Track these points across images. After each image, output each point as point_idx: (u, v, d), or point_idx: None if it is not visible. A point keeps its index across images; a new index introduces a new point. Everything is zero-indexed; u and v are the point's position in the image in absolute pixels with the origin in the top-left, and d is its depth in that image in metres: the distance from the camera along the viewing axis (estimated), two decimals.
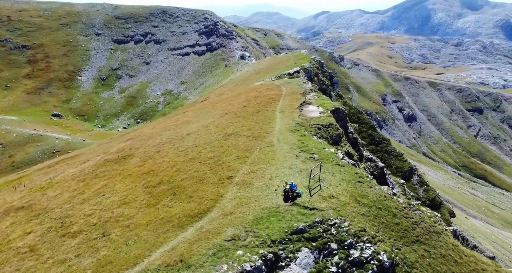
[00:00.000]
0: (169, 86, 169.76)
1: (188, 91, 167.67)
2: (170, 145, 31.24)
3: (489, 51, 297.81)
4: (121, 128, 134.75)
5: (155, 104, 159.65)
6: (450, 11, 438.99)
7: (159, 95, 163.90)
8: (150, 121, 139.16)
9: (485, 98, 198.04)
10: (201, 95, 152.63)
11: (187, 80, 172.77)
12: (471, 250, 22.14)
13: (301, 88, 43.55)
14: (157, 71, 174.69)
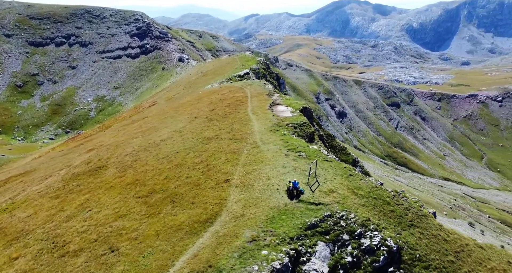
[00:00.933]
0: (101, 91, 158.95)
1: (124, 96, 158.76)
2: (147, 153, 30.18)
3: (399, 51, 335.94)
4: (47, 140, 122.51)
5: (86, 112, 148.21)
6: (365, 16, 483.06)
7: (90, 102, 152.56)
8: (82, 130, 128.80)
9: (400, 94, 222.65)
10: (139, 100, 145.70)
11: (122, 85, 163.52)
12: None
13: (264, 89, 45.01)
14: (86, 76, 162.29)
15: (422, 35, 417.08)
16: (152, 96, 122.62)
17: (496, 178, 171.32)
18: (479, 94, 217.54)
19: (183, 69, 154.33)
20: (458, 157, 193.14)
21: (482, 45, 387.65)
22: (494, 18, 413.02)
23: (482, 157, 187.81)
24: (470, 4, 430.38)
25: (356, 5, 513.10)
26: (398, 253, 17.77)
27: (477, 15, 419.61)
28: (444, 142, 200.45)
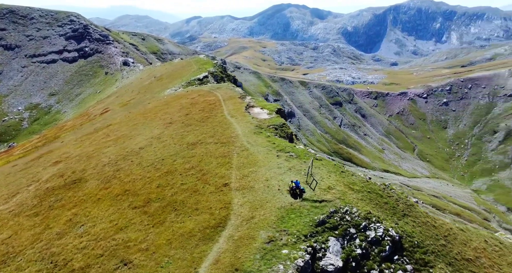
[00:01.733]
0: (35, 99, 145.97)
1: (62, 103, 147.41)
2: (128, 162, 28.99)
3: (337, 53, 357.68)
4: None
5: (17, 122, 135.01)
6: (304, 19, 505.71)
7: (21, 111, 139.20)
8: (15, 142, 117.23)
9: (342, 93, 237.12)
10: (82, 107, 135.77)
11: (59, 91, 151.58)
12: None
13: (235, 92, 45.33)
14: (14, 82, 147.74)
15: (356, 38, 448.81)
16: (99, 102, 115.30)
17: (426, 167, 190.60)
18: (408, 92, 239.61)
19: (129, 73, 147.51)
20: (394, 150, 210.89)
21: (407, 47, 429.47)
22: (414, 23, 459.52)
23: (414, 149, 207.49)
24: (395, 10, 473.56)
25: (295, 9, 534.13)
26: (400, 241, 19.14)
27: (401, 20, 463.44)
28: (382, 136, 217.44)
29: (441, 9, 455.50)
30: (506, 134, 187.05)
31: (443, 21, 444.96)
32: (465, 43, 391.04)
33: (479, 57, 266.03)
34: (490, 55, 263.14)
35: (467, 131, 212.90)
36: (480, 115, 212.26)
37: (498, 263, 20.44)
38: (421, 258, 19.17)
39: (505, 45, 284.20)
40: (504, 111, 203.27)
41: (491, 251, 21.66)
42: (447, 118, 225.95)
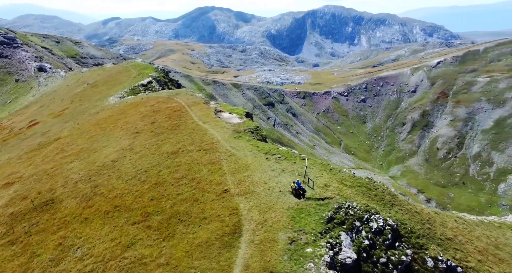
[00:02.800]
0: None
1: None
2: (105, 177, 27.11)
3: (265, 56, 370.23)
4: None
5: None
6: (229, 22, 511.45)
7: None
8: None
9: (273, 94, 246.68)
10: None
11: None
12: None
13: (197, 98, 44.54)
14: None
15: (280, 40, 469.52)
16: (14, 113, 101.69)
17: (351, 159, 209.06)
18: (331, 91, 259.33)
19: (48, 80, 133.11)
20: (324, 146, 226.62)
21: (325, 50, 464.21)
22: (330, 27, 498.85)
23: (340, 143, 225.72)
24: (312, 15, 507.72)
25: (219, 12, 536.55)
26: (397, 229, 20.93)
27: (318, 24, 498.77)
28: (312, 134, 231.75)
29: (351, 14, 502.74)
30: (412, 126, 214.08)
31: (354, 25, 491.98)
32: (373, 46, 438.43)
33: (385, 58, 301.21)
34: (394, 56, 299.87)
35: (382, 124, 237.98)
36: (391, 110, 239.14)
37: (470, 238, 24.44)
38: (416, 242, 21.41)
39: (404, 47, 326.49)
40: (409, 105, 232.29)
41: (462, 229, 25.52)
42: (366, 113, 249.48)
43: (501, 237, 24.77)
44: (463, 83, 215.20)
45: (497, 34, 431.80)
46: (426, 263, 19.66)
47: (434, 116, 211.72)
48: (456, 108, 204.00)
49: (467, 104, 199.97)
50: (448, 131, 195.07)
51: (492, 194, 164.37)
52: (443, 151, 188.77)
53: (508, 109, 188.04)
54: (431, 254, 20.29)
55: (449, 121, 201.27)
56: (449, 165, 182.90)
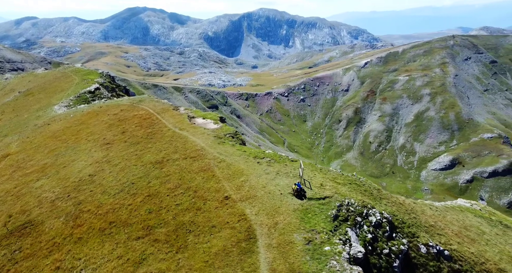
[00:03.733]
0: None
1: None
2: (86, 192, 25.27)
3: (204, 58, 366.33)
4: None
5: None
6: (164, 24, 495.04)
7: None
8: None
9: (216, 96, 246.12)
10: None
11: None
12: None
13: (164, 104, 42.75)
14: None
15: (217, 43, 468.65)
16: None
17: (295, 157, 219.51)
18: (272, 92, 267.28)
19: None
20: (269, 145, 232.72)
21: (263, 52, 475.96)
22: (265, 29, 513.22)
23: (284, 142, 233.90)
24: (248, 17, 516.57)
25: (152, 13, 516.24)
26: (392, 221, 22.38)
27: (254, 27, 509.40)
28: (257, 134, 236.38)
29: (284, 18, 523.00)
30: (347, 122, 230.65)
31: (288, 28, 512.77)
32: (306, 48, 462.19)
33: (320, 60, 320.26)
34: (327, 57, 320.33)
35: (321, 122, 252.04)
36: (328, 108, 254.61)
37: (445, 223, 27.63)
38: (409, 231, 23.19)
39: (335, 49, 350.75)
40: (343, 104, 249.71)
41: (438, 215, 28.59)
42: (306, 112, 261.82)
43: (466, 219, 28.74)
44: (387, 82, 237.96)
45: (408, 37, 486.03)
46: (420, 250, 21.64)
47: (365, 113, 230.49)
48: (383, 104, 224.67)
49: (392, 100, 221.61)
50: (378, 126, 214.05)
51: (416, 180, 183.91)
52: (375, 145, 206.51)
53: (424, 104, 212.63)
54: (422, 241, 22.37)
55: (378, 117, 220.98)
56: (380, 157, 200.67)
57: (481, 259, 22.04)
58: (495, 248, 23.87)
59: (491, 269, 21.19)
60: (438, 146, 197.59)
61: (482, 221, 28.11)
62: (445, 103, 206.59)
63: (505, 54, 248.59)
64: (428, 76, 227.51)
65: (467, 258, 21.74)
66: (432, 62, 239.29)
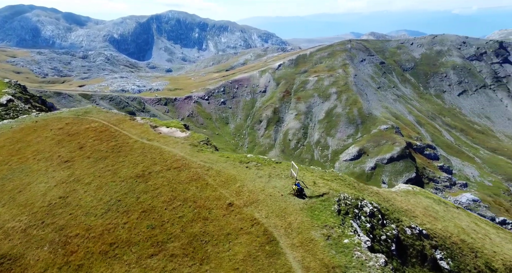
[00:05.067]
0: None
1: None
2: (65, 216, 22.27)
3: (112, 62, 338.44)
4: None
5: None
6: (59, 25, 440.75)
7: None
8: None
9: (132, 103, 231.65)
10: None
11: None
12: None
13: (117, 114, 38.73)
14: None
15: (125, 46, 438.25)
16: None
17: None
18: (192, 96, 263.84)
19: None
20: None
21: (176, 55, 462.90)
22: (177, 32, 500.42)
23: None
24: (157, 19, 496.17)
25: (42, 12, 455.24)
26: (380, 209, 24.62)
27: (165, 29, 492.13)
28: None
29: (196, 21, 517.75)
30: (267, 122, 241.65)
31: (200, 31, 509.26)
32: (220, 51, 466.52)
33: (236, 62, 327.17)
34: (242, 60, 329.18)
35: (243, 123, 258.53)
36: (248, 109, 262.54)
37: (412, 207, 31.46)
38: (394, 217, 25.77)
39: (250, 52, 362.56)
40: (262, 104, 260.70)
41: (405, 200, 31.86)
42: (227, 115, 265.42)
43: (422, 201, 33.61)
44: (300, 82, 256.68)
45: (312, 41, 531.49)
46: (406, 232, 24.47)
47: (283, 112, 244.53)
48: (298, 104, 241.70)
49: (305, 100, 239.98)
50: (295, 124, 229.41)
51: None
52: (294, 142, 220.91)
53: (333, 101, 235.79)
54: (406, 224, 25.28)
55: (294, 115, 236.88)
56: (299, 153, 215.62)
57: (447, 233, 26.59)
58: (450, 222, 29.16)
59: (457, 241, 25.85)
60: (347, 139, 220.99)
61: (431, 202, 33.83)
62: (349, 100, 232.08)
63: (390, 56, 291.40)
64: (333, 76, 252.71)
65: (438, 234, 26.03)
66: (335, 63, 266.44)
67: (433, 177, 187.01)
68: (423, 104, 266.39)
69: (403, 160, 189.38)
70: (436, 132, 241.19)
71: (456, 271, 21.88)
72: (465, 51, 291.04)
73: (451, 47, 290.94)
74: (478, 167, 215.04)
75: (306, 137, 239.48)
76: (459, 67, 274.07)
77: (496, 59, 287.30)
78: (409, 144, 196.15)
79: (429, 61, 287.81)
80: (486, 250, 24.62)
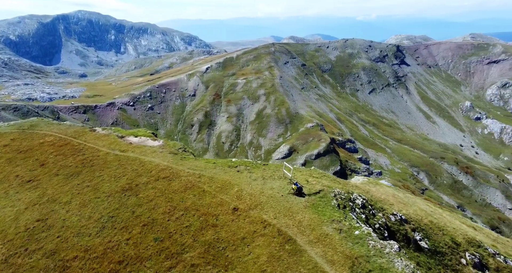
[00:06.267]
0: None
1: None
2: (52, 239, 19.53)
3: (12, 67, 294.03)
4: None
5: None
6: None
7: None
8: None
9: (43, 112, 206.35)
10: None
11: None
12: None
13: (71, 126, 33.90)
14: None
15: (26, 48, 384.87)
16: None
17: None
18: (115, 102, 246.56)
19: None
20: None
21: (91, 58, 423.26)
22: (90, 34, 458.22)
23: None
24: (64, 20, 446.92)
25: None
26: (367, 201, 26.61)
27: (75, 31, 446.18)
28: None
29: (110, 22, 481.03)
30: (199, 126, 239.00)
31: (116, 33, 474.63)
32: (141, 54, 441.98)
33: (160, 66, 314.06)
34: (167, 64, 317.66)
35: (173, 129, 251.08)
36: (179, 114, 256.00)
37: (383, 195, 34.46)
38: (378, 206, 27.81)
39: (175, 55, 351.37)
40: (193, 108, 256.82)
41: (376, 191, 34.65)
42: (156, 120, 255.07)
43: (388, 190, 37.53)
44: (229, 85, 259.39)
45: (235, 44, 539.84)
46: (391, 219, 26.69)
47: (214, 115, 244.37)
48: (228, 106, 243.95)
49: (235, 102, 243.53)
50: (227, 127, 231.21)
51: None
52: (227, 144, 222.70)
53: (262, 103, 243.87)
54: (389, 212, 27.53)
55: (226, 118, 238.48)
56: (234, 155, 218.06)
57: (419, 216, 30.23)
58: (415, 207, 33.16)
59: (427, 223, 29.61)
60: (278, 138, 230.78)
61: (393, 190, 38.18)
62: (277, 101, 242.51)
63: (310, 58, 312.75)
64: (260, 78, 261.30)
65: (413, 218, 29.38)
66: (261, 66, 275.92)
67: (355, 168, 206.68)
68: (341, 102, 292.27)
69: (328, 155, 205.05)
70: (354, 128, 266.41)
71: (433, 248, 25.49)
72: (371, 54, 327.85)
73: (360, 50, 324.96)
74: (389, 156, 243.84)
75: (239, 138, 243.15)
76: (367, 68, 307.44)
77: (396, 60, 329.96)
78: (333, 139, 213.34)
79: (343, 63, 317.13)
80: (448, 227, 29.12)
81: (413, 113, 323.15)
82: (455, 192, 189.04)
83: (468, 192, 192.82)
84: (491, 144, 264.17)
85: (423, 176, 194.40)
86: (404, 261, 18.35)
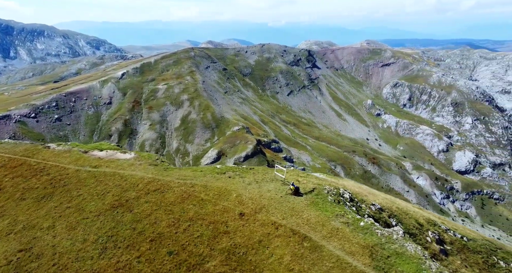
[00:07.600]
0: None
1: None
2: (49, 267, 16.67)
3: None
4: None
5: None
6: None
7: None
8: None
9: None
10: None
11: None
12: None
13: (18, 145, 27.67)
14: None
15: None
16: None
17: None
18: (11, 114, 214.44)
19: None
20: None
21: None
22: None
23: None
24: None
25: None
26: (352, 195, 28.68)
27: None
28: None
29: None
30: (119, 136, 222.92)
31: (3, 36, 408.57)
32: (38, 59, 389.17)
33: (66, 72, 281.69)
34: (75, 70, 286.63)
35: (89, 140, 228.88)
36: (93, 124, 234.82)
37: (358, 190, 37.34)
38: (359, 199, 29.88)
39: (83, 60, 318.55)
40: (110, 117, 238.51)
41: (349, 185, 38.11)
42: (66, 132, 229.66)
43: (351, 183, 40.89)
44: (149, 91, 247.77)
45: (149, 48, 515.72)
46: (372, 209, 29.18)
47: (135, 124, 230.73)
48: (150, 113, 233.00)
49: (157, 108, 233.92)
50: (151, 134, 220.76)
51: None
52: (152, 152, 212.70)
53: (186, 108, 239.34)
54: (368, 203, 29.94)
55: (148, 126, 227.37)
56: None
57: (388, 204, 33.78)
58: (380, 196, 37.03)
59: (395, 209, 33.21)
60: (205, 143, 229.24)
61: (353, 183, 41.97)
62: (201, 106, 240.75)
63: (230, 63, 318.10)
64: (182, 83, 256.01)
65: (385, 206, 32.56)
66: (182, 71, 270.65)
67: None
68: (263, 104, 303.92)
69: (256, 156, 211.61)
70: (277, 128, 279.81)
71: (407, 231, 29.22)
72: (286, 58, 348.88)
73: (276, 55, 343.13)
74: (309, 153, 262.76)
75: (164, 146, 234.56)
76: (284, 71, 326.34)
77: (308, 64, 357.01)
78: (259, 141, 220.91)
79: (262, 67, 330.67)
80: (409, 212, 33.56)
81: (326, 112, 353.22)
82: (366, 181, 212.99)
83: (375, 180, 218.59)
84: (389, 136, 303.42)
85: (340, 169, 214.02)
86: (413, 244, 20.92)
